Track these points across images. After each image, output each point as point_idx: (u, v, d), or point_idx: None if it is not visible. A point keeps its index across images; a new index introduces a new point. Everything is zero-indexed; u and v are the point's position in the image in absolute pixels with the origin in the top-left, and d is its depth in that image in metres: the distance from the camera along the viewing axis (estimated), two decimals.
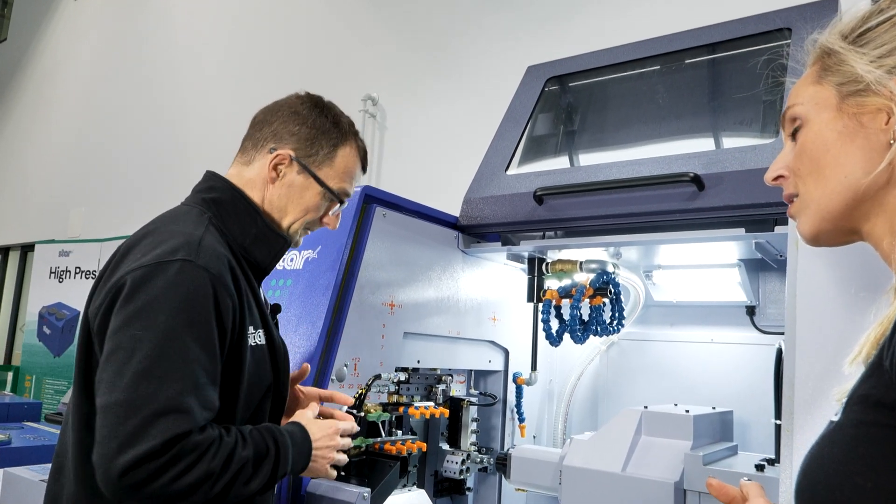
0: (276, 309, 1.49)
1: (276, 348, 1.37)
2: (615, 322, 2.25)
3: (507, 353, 2.50)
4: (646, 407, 1.90)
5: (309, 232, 1.49)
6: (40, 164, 7.67)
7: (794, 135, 0.90)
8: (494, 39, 3.95)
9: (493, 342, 2.44)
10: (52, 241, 7.04)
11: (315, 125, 1.42)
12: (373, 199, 1.98)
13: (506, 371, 2.50)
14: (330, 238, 1.94)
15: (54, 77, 7.82)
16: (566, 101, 2.57)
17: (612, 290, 2.18)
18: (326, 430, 1.39)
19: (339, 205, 1.48)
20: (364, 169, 1.52)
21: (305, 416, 1.40)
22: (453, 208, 2.30)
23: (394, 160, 4.20)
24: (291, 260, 2.00)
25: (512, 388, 2.49)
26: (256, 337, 1.31)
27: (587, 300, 2.20)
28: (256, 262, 1.38)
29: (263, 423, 1.33)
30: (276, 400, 1.39)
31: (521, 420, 2.48)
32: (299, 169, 1.40)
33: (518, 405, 2.48)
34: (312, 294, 1.89)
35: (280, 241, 1.41)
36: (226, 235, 1.33)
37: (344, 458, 1.41)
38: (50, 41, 8.05)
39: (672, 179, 1.88)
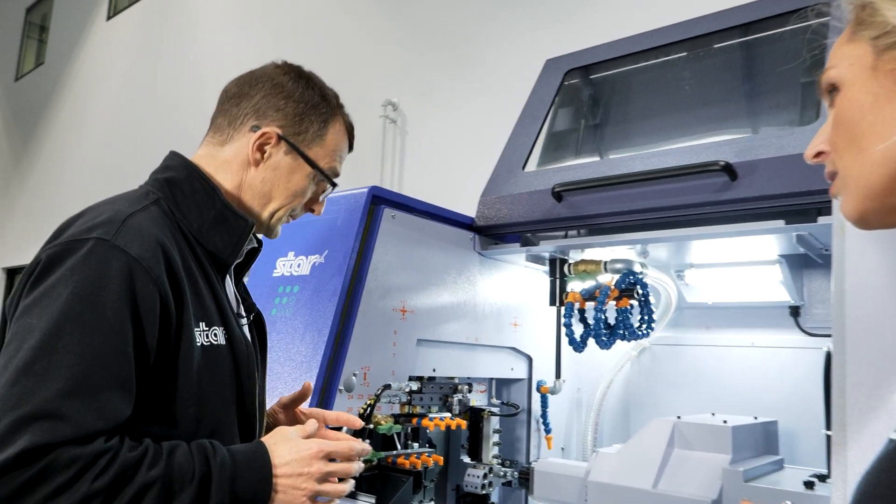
0: (251, 308, 1.31)
1: (236, 350, 1.17)
2: (644, 325, 2.10)
3: (530, 360, 2.37)
4: (679, 417, 1.75)
5: (291, 220, 1.33)
6: (78, 180, 7.82)
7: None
8: (513, 36, 3.84)
9: (514, 349, 2.31)
10: None
11: (303, 99, 1.25)
12: (381, 199, 1.89)
13: (529, 379, 2.37)
14: (337, 242, 1.84)
15: (88, 97, 7.98)
16: (587, 93, 2.44)
17: (640, 292, 2.04)
18: (302, 451, 1.09)
19: (328, 188, 1.32)
20: (351, 146, 1.37)
21: (280, 434, 1.13)
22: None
23: (416, 165, 4.12)
24: (299, 265, 1.91)
25: (536, 397, 2.35)
26: (210, 335, 1.12)
27: (612, 302, 2.06)
28: (216, 251, 1.19)
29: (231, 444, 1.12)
30: (242, 414, 1.19)
31: (548, 431, 2.34)
32: (287, 149, 1.24)
33: (543, 415, 2.34)
34: (319, 300, 1.80)
35: (241, 224, 1.21)
36: (179, 221, 1.16)
37: (335, 489, 1.11)
38: (84, 62, 8.23)
39: (701, 169, 1.73)
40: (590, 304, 2.12)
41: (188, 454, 1.00)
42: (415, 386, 1.80)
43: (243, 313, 1.28)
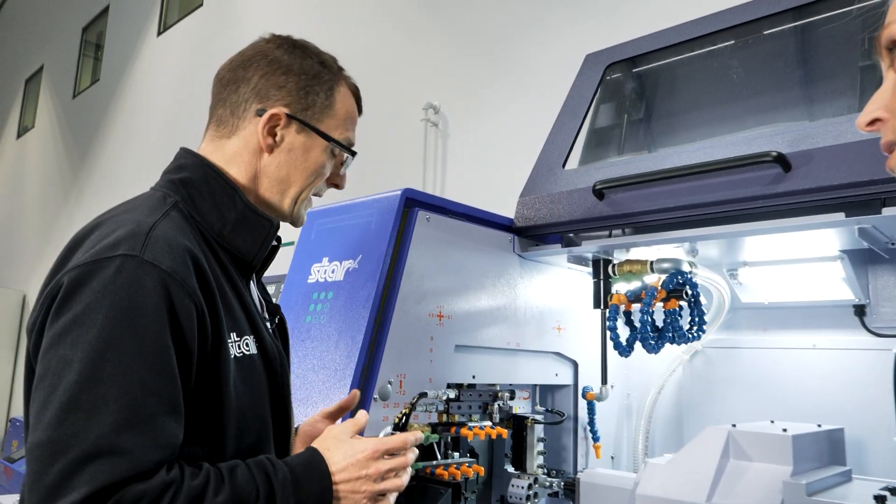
0: (275, 310, 1.27)
1: (269, 358, 1.13)
2: (695, 328, 1.99)
3: (575, 365, 2.28)
4: (734, 425, 1.64)
5: (314, 200, 1.27)
6: (131, 194, 8.04)
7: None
8: (553, 34, 3.75)
9: (559, 354, 2.23)
10: None
11: (303, 70, 1.18)
12: (414, 202, 1.84)
13: (575, 385, 2.28)
14: (371, 247, 1.80)
15: (139, 114, 8.22)
16: (629, 87, 2.34)
17: (689, 292, 1.93)
18: (358, 453, 1.05)
19: (347, 159, 1.25)
20: (360, 110, 1.29)
21: (332, 437, 1.08)
22: None
23: (459, 168, 4.06)
24: (333, 271, 1.88)
25: (583, 404, 2.26)
26: (242, 346, 1.07)
27: (660, 304, 1.95)
28: (240, 254, 1.13)
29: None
30: (278, 425, 1.15)
31: (596, 439, 2.25)
32: (298, 127, 1.17)
33: (591, 423, 2.25)
34: (353, 307, 1.76)
35: (265, 225, 1.16)
36: (199, 224, 1.10)
37: (394, 484, 1.09)
38: (137, 78, 8.48)
39: (751, 161, 1.63)
40: (636, 307, 2.02)
41: (248, 474, 0.97)
42: (452, 394, 1.74)
43: (267, 316, 1.24)
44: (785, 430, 1.59)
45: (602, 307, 2.06)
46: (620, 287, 2.07)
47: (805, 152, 1.60)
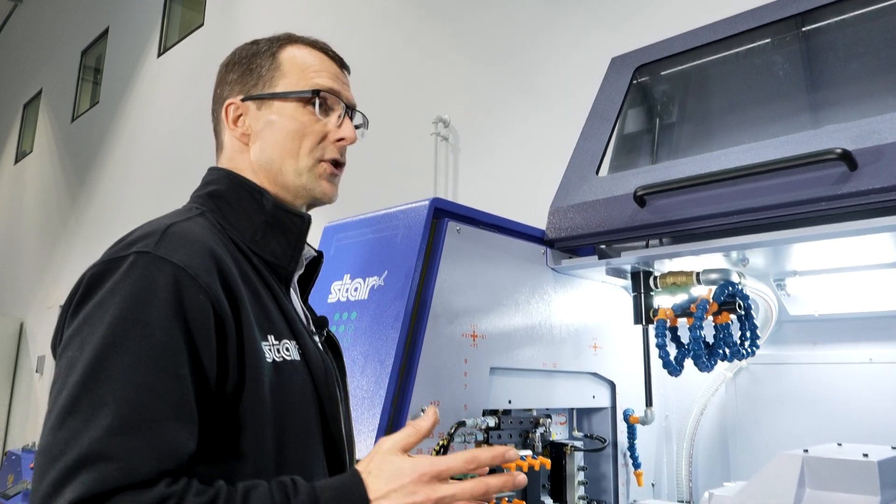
0: (322, 322, 1.17)
1: (314, 366, 1.03)
2: (747, 343, 1.84)
3: (613, 386, 2.13)
4: (806, 451, 1.49)
5: (335, 172, 1.13)
6: (132, 217, 7.92)
7: None
8: (567, 45, 3.65)
9: (595, 374, 2.08)
10: None
11: (242, 57, 1.14)
12: (444, 212, 1.70)
13: (613, 408, 2.13)
14: (397, 261, 1.66)
15: (140, 136, 8.11)
16: (660, 90, 2.22)
17: (742, 305, 1.78)
18: (408, 473, 0.85)
19: (337, 108, 1.13)
20: (334, 58, 1.18)
21: (379, 456, 0.88)
22: (540, 226, 1.98)
23: (470, 182, 3.93)
24: (356, 289, 1.74)
25: (622, 427, 2.11)
26: (282, 350, 0.98)
27: (710, 318, 1.81)
28: (275, 259, 1.06)
29: (317, 476, 0.98)
30: (329, 441, 1.03)
31: (637, 466, 2.09)
32: (257, 104, 1.11)
33: (631, 448, 2.10)
34: (380, 327, 1.61)
35: (296, 222, 1.09)
36: (229, 233, 1.04)
37: None
38: (137, 100, 8.39)
39: (814, 159, 1.49)
40: (681, 322, 1.88)
41: (267, 495, 0.83)
42: (492, 421, 1.59)
43: (314, 329, 1.13)
44: (866, 454, 1.44)
45: (644, 322, 1.91)
46: (663, 301, 1.93)
47: (873, 149, 1.47)
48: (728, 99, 2.01)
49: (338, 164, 1.14)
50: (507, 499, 1.63)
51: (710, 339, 1.83)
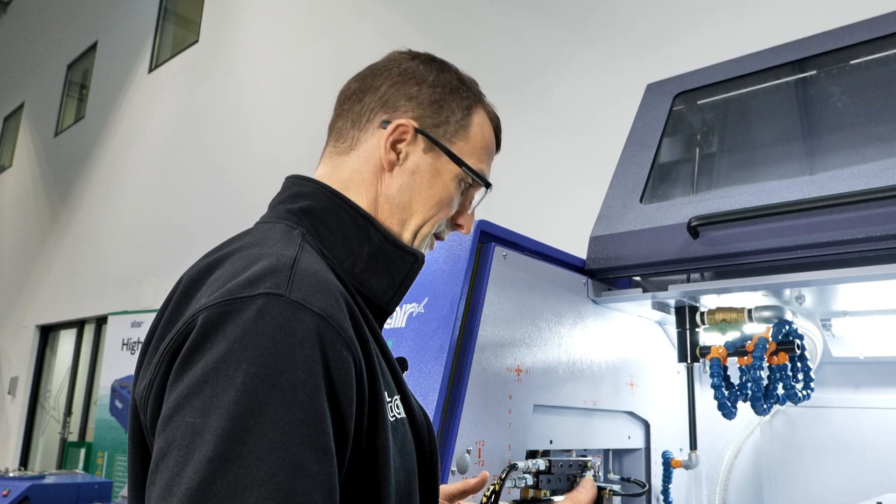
0: (404, 366, 1.04)
1: (418, 424, 0.91)
2: (800, 385, 1.75)
3: (647, 426, 2.02)
4: (880, 503, 1.39)
5: (435, 244, 1.05)
6: (115, 236, 7.71)
7: None
8: (573, 72, 3.61)
9: (631, 413, 1.97)
10: (125, 312, 6.94)
11: (438, 83, 1.00)
12: (490, 236, 1.59)
13: (647, 449, 2.01)
14: (440, 287, 1.55)
15: (127, 151, 7.94)
16: (701, 118, 2.15)
17: (799, 345, 1.69)
18: None
19: (478, 195, 1.05)
20: (499, 146, 1.10)
21: None
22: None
23: (477, 208, 3.85)
24: (392, 317, 1.61)
25: (656, 470, 2.00)
26: (394, 407, 0.86)
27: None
28: (374, 297, 0.93)
29: None
30: (426, 500, 0.92)
31: None
32: (426, 146, 0.97)
33: (665, 492, 1.98)
34: (422, 359, 1.49)
35: (409, 260, 0.96)
36: (329, 261, 0.89)
37: None
38: (124, 116, 8.22)
39: (890, 194, 1.42)
40: (730, 361, 1.78)
41: None
42: (542, 464, 1.46)
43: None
44: None
45: (689, 360, 1.81)
46: (708, 338, 1.83)
47: None
48: (777, 129, 1.95)
49: (440, 239, 1.06)
50: None
51: (764, 381, 1.74)
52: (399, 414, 0.87)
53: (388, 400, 0.85)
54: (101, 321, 7.99)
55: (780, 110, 1.95)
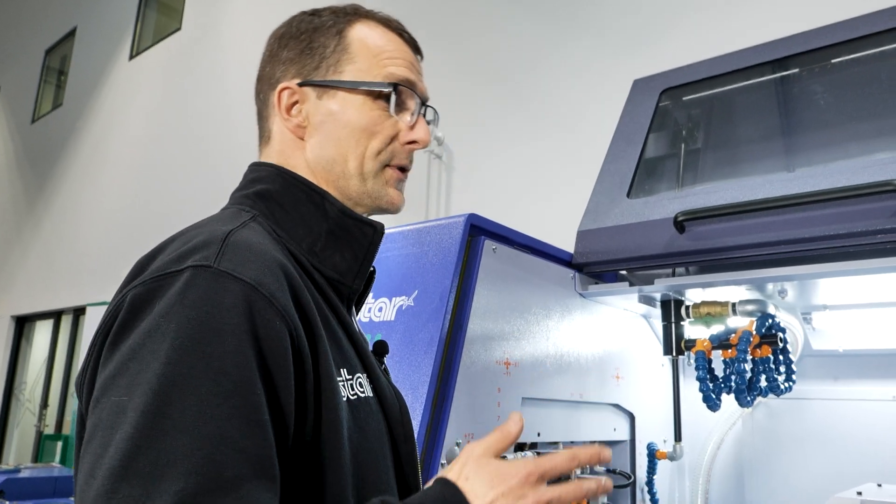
0: (382, 348, 1.02)
1: (387, 403, 0.90)
2: (782, 378, 1.78)
3: (632, 418, 2.05)
4: (859, 493, 1.43)
5: (400, 174, 0.98)
6: (94, 225, 7.60)
7: None
8: (563, 68, 3.63)
9: (617, 406, 1.99)
10: (104, 304, 6.87)
11: (301, 31, 0.96)
12: (480, 230, 1.60)
13: (632, 441, 2.04)
14: (430, 280, 1.55)
15: (107, 139, 7.83)
16: (687, 114, 2.17)
17: (782, 338, 1.73)
18: (514, 475, 0.74)
19: (411, 104, 0.96)
20: (409, 41, 1.01)
21: (471, 459, 0.77)
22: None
23: (463, 203, 3.86)
24: (380, 309, 1.62)
25: (641, 462, 2.02)
26: (356, 385, 0.84)
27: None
28: (338, 275, 0.90)
29: None
30: (403, 490, 0.90)
31: (655, 501, 2.01)
32: (318, 92, 0.93)
33: (650, 483, 2.02)
34: (411, 353, 1.49)
35: (368, 232, 0.93)
36: (285, 242, 0.87)
37: None
38: (104, 104, 8.10)
39: (870, 190, 1.45)
40: (715, 354, 1.81)
41: None
42: (532, 456, 1.48)
43: (371, 354, 0.97)
44: None
45: (674, 353, 1.84)
46: (693, 331, 1.86)
47: None
48: (762, 125, 1.97)
49: (404, 170, 0.99)
50: None
51: (748, 374, 1.77)
52: (362, 392, 0.86)
53: (349, 378, 0.84)
54: (78, 312, 7.89)
55: (762, 107, 1.98)
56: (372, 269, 1.02)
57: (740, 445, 2.21)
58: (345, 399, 0.81)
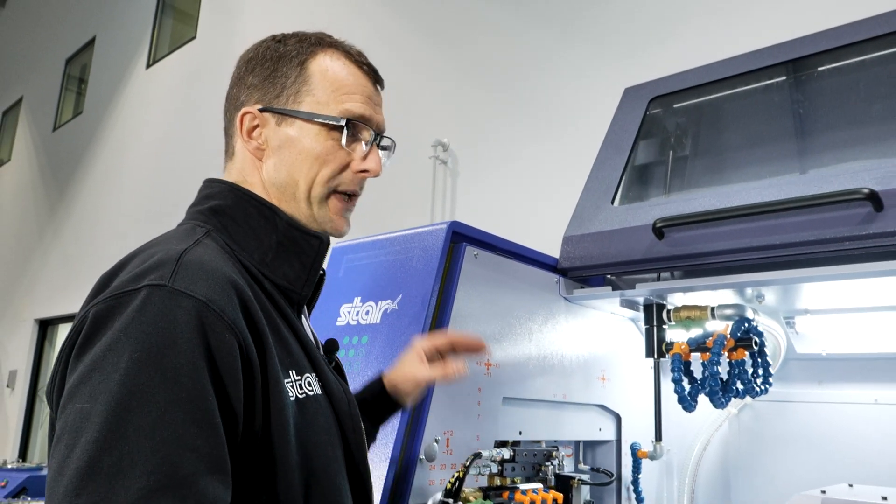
0: (333, 346, 1.10)
1: (336, 398, 0.98)
2: (759, 380, 1.83)
3: (618, 419, 2.10)
4: (823, 491, 1.47)
5: (349, 200, 1.05)
6: (113, 230, 7.77)
7: None
8: (568, 74, 3.68)
9: (602, 406, 2.04)
10: None
11: (267, 57, 1.02)
12: (461, 236, 1.67)
13: (618, 441, 2.09)
14: (413, 285, 1.62)
15: (126, 147, 8.00)
16: (675, 122, 2.22)
17: (757, 342, 1.77)
18: None
19: (367, 138, 1.03)
20: (369, 73, 1.06)
21: None
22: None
23: (467, 206, 3.92)
24: (367, 313, 1.69)
25: (626, 461, 2.07)
26: (304, 385, 0.92)
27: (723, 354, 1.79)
28: (287, 283, 0.98)
29: None
30: (354, 476, 0.99)
31: (640, 500, 2.06)
32: (277, 119, 1.00)
33: (635, 482, 2.06)
34: (394, 353, 1.56)
35: (314, 243, 1.01)
36: (237, 254, 0.95)
37: None
38: (122, 111, 8.28)
39: (840, 198, 1.49)
40: (693, 356, 1.86)
41: None
42: (507, 453, 1.54)
43: (324, 355, 1.06)
44: (885, 497, 1.42)
45: (656, 356, 1.89)
46: (675, 335, 1.91)
47: None
48: (744, 133, 2.02)
49: (352, 196, 1.06)
50: None
51: (724, 376, 1.81)
52: (311, 391, 0.93)
53: (297, 378, 0.91)
54: None
55: (746, 116, 2.02)
56: (322, 271, 1.09)
57: (726, 446, 2.25)
58: (293, 399, 0.89)
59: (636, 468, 2.05)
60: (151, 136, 7.51)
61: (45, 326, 9.20)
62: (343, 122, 1.00)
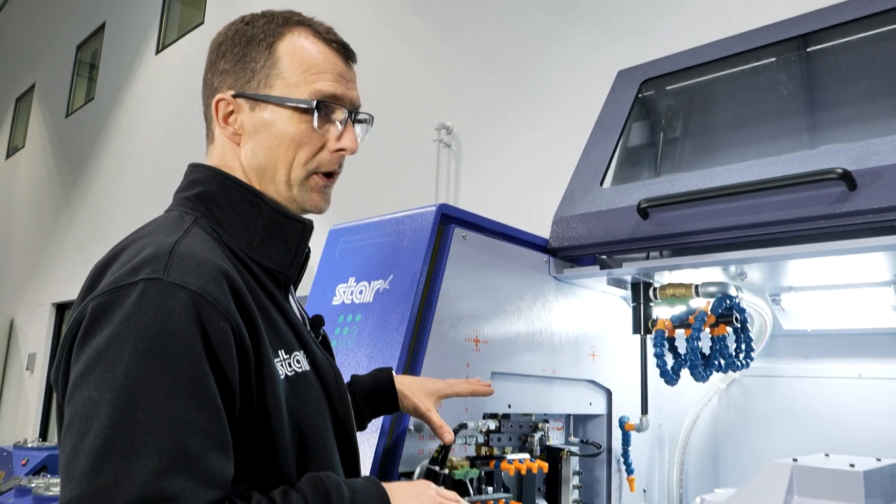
0: (318, 322, 1.15)
1: (323, 373, 1.04)
2: (742, 355, 1.89)
3: (609, 393, 2.17)
4: (795, 460, 1.53)
5: (329, 179, 1.08)
6: (126, 214, 7.90)
7: None
8: (571, 56, 3.70)
9: (593, 381, 2.11)
10: None
11: (236, 42, 1.03)
12: (450, 218, 1.73)
13: (609, 415, 2.16)
14: (403, 266, 1.69)
15: (137, 132, 8.10)
16: (666, 104, 2.26)
17: (738, 318, 1.83)
18: (424, 497, 1.01)
19: (340, 117, 1.05)
20: (339, 50, 1.07)
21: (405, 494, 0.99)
22: (539, 234, 2.01)
23: (472, 189, 3.97)
24: (360, 292, 1.76)
25: (617, 434, 2.15)
26: (293, 363, 0.98)
27: (706, 330, 1.85)
28: (274, 265, 1.02)
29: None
30: (343, 447, 1.06)
31: (630, 472, 2.13)
32: (250, 104, 1.02)
33: (625, 454, 2.13)
34: (385, 331, 1.64)
35: (298, 228, 1.05)
36: (224, 239, 0.99)
37: None
38: (133, 97, 8.38)
39: (815, 178, 1.54)
40: (679, 333, 1.92)
41: (313, 487, 0.90)
42: (493, 424, 1.62)
43: (310, 330, 1.13)
44: (853, 465, 1.48)
45: (642, 332, 1.95)
46: (662, 312, 1.96)
47: (872, 170, 1.51)
48: (731, 115, 2.06)
49: (331, 175, 1.08)
50: (504, 500, 1.66)
51: (707, 351, 1.87)
52: (300, 368, 0.99)
53: (286, 357, 0.97)
54: None
55: (731, 98, 2.06)
56: (308, 249, 1.13)
57: (716, 420, 2.31)
58: (283, 377, 0.96)
59: (626, 441, 2.12)
60: (162, 121, 7.60)
61: (63, 310, 9.40)
62: (314, 105, 1.02)
